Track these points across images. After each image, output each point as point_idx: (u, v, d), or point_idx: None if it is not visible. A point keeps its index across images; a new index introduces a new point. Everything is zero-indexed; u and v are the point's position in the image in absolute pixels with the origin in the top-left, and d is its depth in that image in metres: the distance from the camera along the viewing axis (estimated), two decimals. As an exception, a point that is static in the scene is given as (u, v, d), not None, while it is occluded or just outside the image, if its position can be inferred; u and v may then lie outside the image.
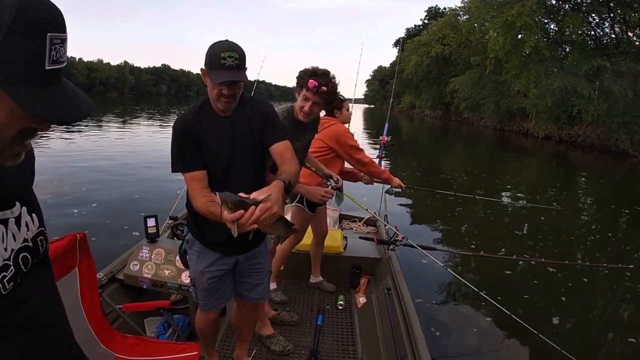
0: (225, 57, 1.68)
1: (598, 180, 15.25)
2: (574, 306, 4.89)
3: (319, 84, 2.34)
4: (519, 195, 11.44)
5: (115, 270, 2.95)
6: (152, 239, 2.97)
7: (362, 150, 3.35)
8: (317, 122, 2.80)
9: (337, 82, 2.43)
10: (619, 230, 8.76)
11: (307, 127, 2.64)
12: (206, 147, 1.84)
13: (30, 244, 0.86)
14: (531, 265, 5.70)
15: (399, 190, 3.81)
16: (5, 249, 0.79)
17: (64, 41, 0.69)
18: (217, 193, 1.43)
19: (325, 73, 2.39)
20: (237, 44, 1.73)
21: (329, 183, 2.80)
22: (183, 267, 2.63)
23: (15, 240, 0.81)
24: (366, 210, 3.85)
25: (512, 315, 2.98)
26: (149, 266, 2.83)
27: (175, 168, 1.87)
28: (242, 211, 1.40)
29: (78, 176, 9.63)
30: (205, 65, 1.76)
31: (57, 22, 0.67)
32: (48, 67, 0.67)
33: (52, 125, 0.74)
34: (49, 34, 0.65)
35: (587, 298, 5.04)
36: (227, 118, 1.89)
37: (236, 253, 2.09)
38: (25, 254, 0.84)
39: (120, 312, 2.65)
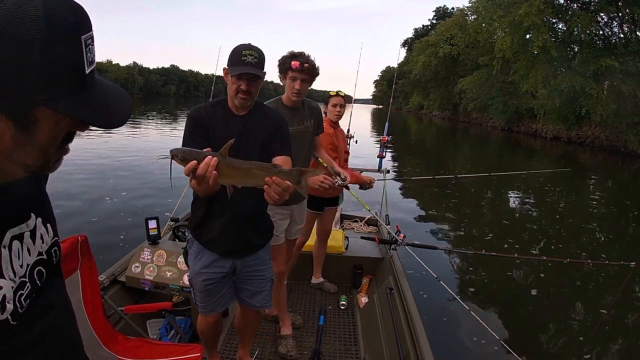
0: (246, 55, 1.84)
1: (606, 180, 15.15)
2: (576, 303, 4.88)
3: (300, 62, 2.53)
4: (527, 194, 11.39)
5: (117, 272, 2.96)
6: (154, 240, 2.99)
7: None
8: (315, 110, 2.89)
9: (313, 58, 2.61)
10: (627, 230, 8.71)
11: (302, 113, 2.77)
12: (213, 141, 1.88)
13: (45, 256, 0.83)
14: (533, 263, 5.69)
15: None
16: (21, 266, 0.75)
17: (93, 38, 0.64)
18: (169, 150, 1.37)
19: (302, 53, 2.58)
20: (258, 47, 1.90)
21: (336, 180, 2.95)
22: (184, 269, 2.65)
23: (30, 255, 0.78)
24: (368, 210, 3.85)
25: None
26: (151, 268, 2.84)
27: None
28: (195, 162, 1.32)
29: (79, 176, 9.67)
30: (228, 64, 1.91)
31: (85, 20, 0.63)
32: (88, 71, 0.64)
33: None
34: (82, 36, 0.61)
35: (589, 295, 5.03)
36: (240, 117, 1.98)
37: (232, 256, 2.10)
38: (40, 267, 0.81)
39: (122, 314, 2.66)
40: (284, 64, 2.58)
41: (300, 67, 2.54)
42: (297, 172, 1.45)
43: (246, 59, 1.83)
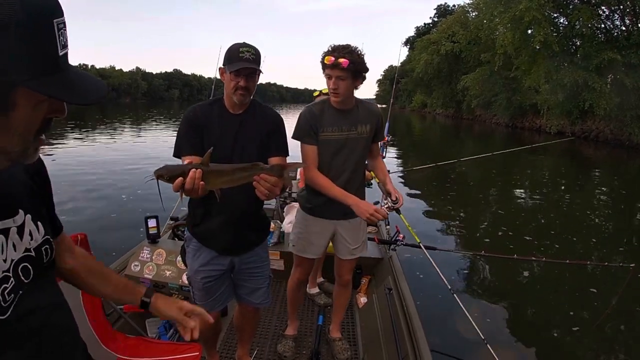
0: (244, 52, 1.86)
1: (612, 175, 15.04)
2: (576, 303, 4.87)
3: (335, 58, 2.22)
4: (531, 191, 11.36)
5: (116, 270, 2.96)
6: (153, 239, 3.02)
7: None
8: (374, 114, 2.52)
9: (360, 52, 2.27)
10: (632, 227, 8.64)
11: (356, 116, 2.44)
12: (208, 139, 1.90)
13: (33, 253, 0.83)
14: (534, 264, 5.68)
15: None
16: (5, 260, 0.76)
17: (65, 24, 0.68)
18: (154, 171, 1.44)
19: (343, 47, 2.25)
20: (253, 45, 1.91)
21: (386, 201, 2.53)
22: (184, 268, 2.66)
23: (15, 251, 0.79)
24: (418, 242, 3.65)
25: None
26: (150, 267, 2.87)
27: (176, 151, 1.97)
28: (181, 179, 1.41)
29: (80, 177, 9.80)
30: (224, 62, 1.91)
31: (57, 5, 0.66)
32: (61, 54, 0.67)
33: (53, 128, 0.73)
34: (54, 20, 0.64)
35: (590, 296, 5.01)
36: (236, 116, 1.99)
37: (231, 253, 2.12)
38: (26, 264, 0.81)
39: (121, 313, 2.68)
40: (321, 60, 2.28)
41: (333, 63, 2.22)
42: (278, 167, 1.55)
43: (244, 56, 1.85)
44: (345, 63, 2.20)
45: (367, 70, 2.31)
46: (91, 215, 6.98)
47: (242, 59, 1.85)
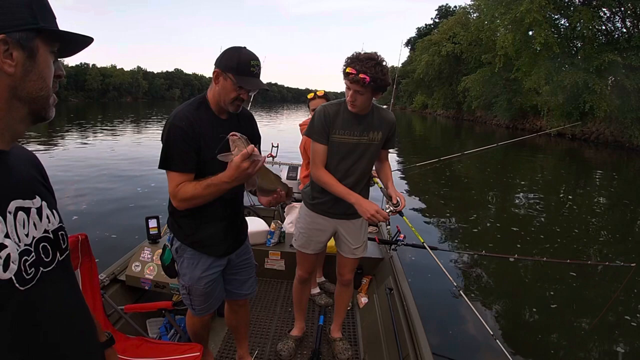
0: (254, 66, 1.82)
1: (612, 177, 15.05)
2: (576, 304, 4.88)
3: (357, 71, 2.09)
4: (531, 193, 11.36)
5: (117, 271, 2.99)
6: (154, 239, 3.01)
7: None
8: (388, 122, 2.45)
9: (385, 65, 2.13)
10: (633, 228, 8.64)
11: (370, 122, 2.38)
12: (205, 148, 1.88)
13: (51, 235, 0.86)
14: (534, 264, 5.68)
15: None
16: (27, 235, 0.78)
17: None
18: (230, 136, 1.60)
19: (369, 58, 2.11)
20: (255, 54, 1.87)
21: (387, 205, 2.45)
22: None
23: (36, 229, 0.82)
24: (423, 242, 3.64)
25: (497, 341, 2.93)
26: (151, 267, 2.86)
27: (168, 165, 1.84)
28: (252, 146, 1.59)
29: (81, 178, 9.79)
30: (229, 70, 1.81)
31: None
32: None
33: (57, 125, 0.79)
34: None
35: (589, 295, 5.03)
36: (224, 121, 1.96)
37: (229, 252, 2.14)
38: (46, 244, 0.83)
39: (122, 313, 2.68)
40: (343, 69, 2.17)
41: (353, 77, 2.11)
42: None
43: (254, 70, 1.81)
44: (367, 80, 2.09)
45: (389, 85, 2.21)
46: (92, 216, 6.98)
47: (254, 75, 1.81)
